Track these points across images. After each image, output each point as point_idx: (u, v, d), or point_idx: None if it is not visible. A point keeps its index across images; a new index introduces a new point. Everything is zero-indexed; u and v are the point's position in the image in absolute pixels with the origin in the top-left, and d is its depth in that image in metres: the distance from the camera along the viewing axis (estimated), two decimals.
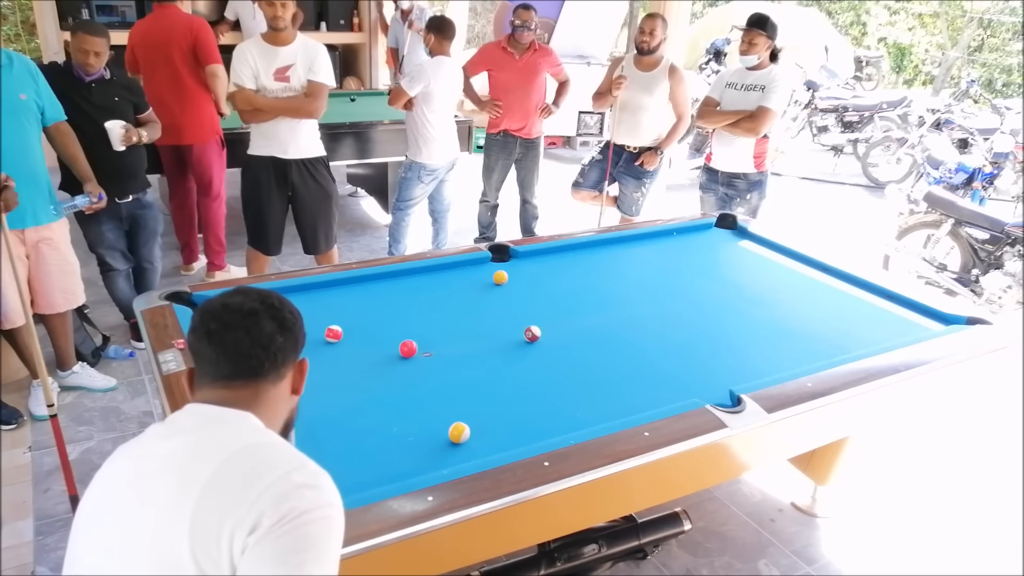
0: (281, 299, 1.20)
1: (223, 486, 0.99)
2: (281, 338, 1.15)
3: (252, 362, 1.12)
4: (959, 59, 13.17)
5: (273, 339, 1.14)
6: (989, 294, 4.37)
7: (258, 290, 1.19)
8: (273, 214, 3.71)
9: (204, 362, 1.14)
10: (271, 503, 0.97)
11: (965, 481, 3.03)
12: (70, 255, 3.16)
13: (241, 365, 1.12)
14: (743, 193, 4.03)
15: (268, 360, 1.13)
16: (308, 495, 1.01)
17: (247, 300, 1.16)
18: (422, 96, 4.13)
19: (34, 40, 7.96)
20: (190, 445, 1.06)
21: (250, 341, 1.12)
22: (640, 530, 2.31)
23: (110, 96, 3.30)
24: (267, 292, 1.19)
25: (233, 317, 1.13)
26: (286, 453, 1.07)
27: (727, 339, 2.42)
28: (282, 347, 1.15)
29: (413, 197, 4.42)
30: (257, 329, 1.13)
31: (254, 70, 3.44)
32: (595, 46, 7.95)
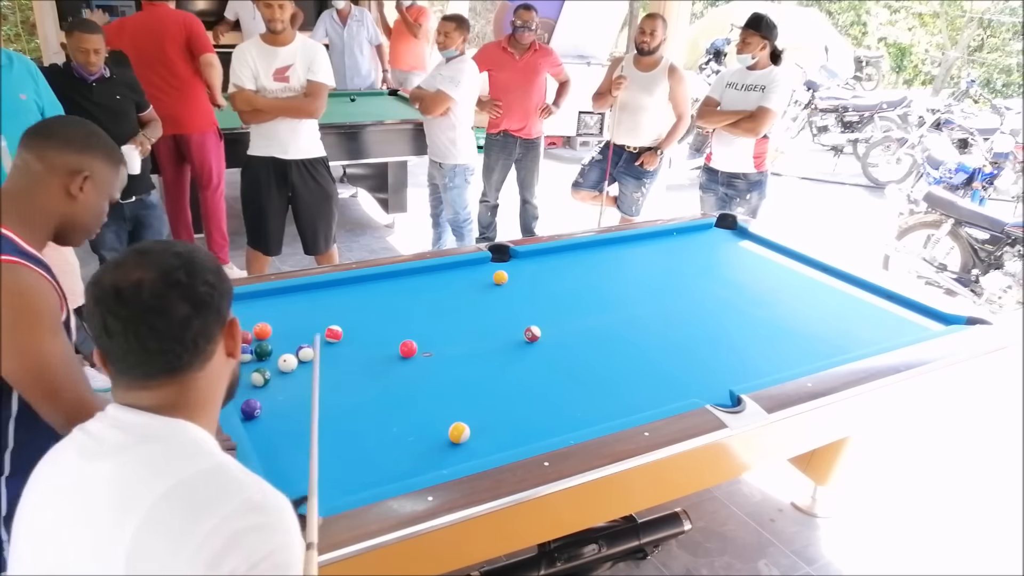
0: (190, 260, 0.96)
1: (160, 530, 0.86)
2: (199, 320, 0.95)
3: (168, 357, 0.94)
4: (959, 59, 13.17)
5: (189, 325, 0.93)
6: (989, 294, 4.37)
7: (158, 254, 0.95)
8: (273, 214, 3.71)
9: (111, 357, 0.95)
10: (215, 554, 0.85)
11: (965, 481, 3.03)
12: (70, 255, 3.15)
13: (154, 364, 0.94)
14: (743, 193, 4.03)
15: (187, 351, 0.95)
16: (254, 540, 0.87)
17: (147, 278, 0.92)
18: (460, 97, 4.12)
19: (34, 40, 7.97)
20: (118, 474, 0.91)
21: (159, 336, 0.92)
22: (640, 530, 2.31)
23: (112, 95, 3.30)
24: (170, 255, 0.95)
25: (133, 309, 0.92)
26: (226, 482, 0.92)
27: (727, 339, 2.42)
28: (202, 329, 0.95)
29: (468, 202, 4.44)
30: (166, 320, 0.92)
31: (253, 71, 3.44)
32: (595, 46, 7.95)
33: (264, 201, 3.66)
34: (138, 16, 4.14)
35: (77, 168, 1.42)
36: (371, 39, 6.28)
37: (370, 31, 6.26)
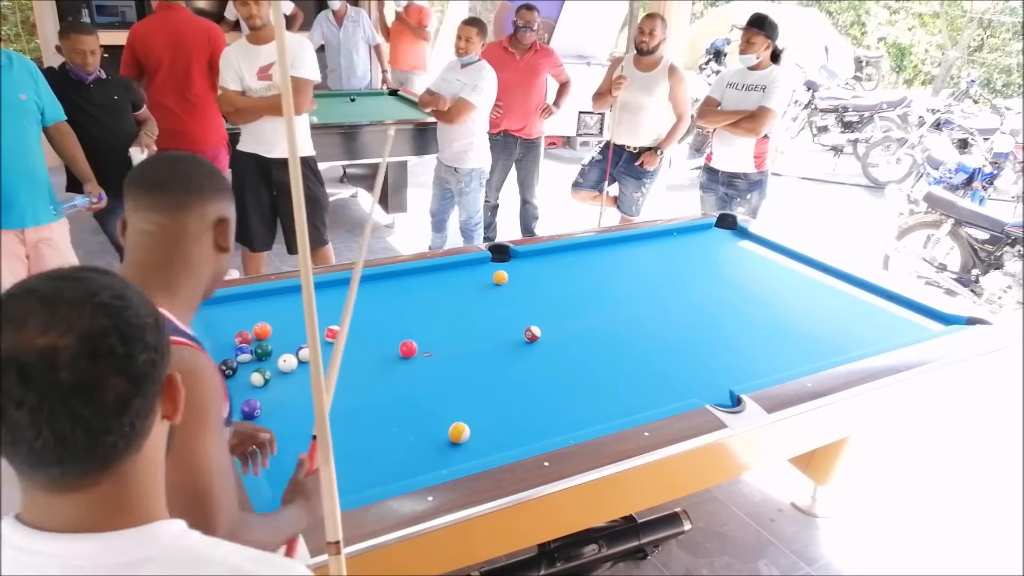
0: (123, 318, 0.69)
1: None
2: (139, 398, 0.70)
3: (98, 452, 0.68)
4: (959, 59, 13.17)
5: (126, 407, 0.69)
6: (989, 294, 4.37)
7: (75, 306, 0.67)
8: (256, 210, 3.69)
9: (12, 452, 0.67)
10: None
11: (965, 481, 3.03)
12: (70, 255, 3.16)
13: (77, 463, 0.68)
14: (743, 193, 4.03)
15: (123, 439, 0.69)
16: None
17: (62, 346, 0.65)
18: None
19: (34, 40, 7.96)
20: None
21: (85, 426, 0.66)
22: (640, 530, 2.31)
23: (109, 95, 3.31)
24: (94, 309, 0.67)
25: (44, 391, 0.64)
26: None
27: (727, 339, 2.42)
28: (141, 407, 0.71)
29: (480, 207, 4.43)
30: (94, 405, 0.66)
31: (238, 71, 3.41)
32: (595, 46, 7.95)
33: (248, 197, 3.65)
34: (153, 20, 4.01)
35: (220, 215, 1.17)
36: (368, 39, 6.28)
37: (367, 31, 6.25)
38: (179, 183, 1.14)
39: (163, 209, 1.12)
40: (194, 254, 1.14)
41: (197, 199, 1.14)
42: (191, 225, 1.13)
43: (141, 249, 1.12)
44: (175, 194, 1.13)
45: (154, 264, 1.11)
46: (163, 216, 1.12)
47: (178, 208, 1.12)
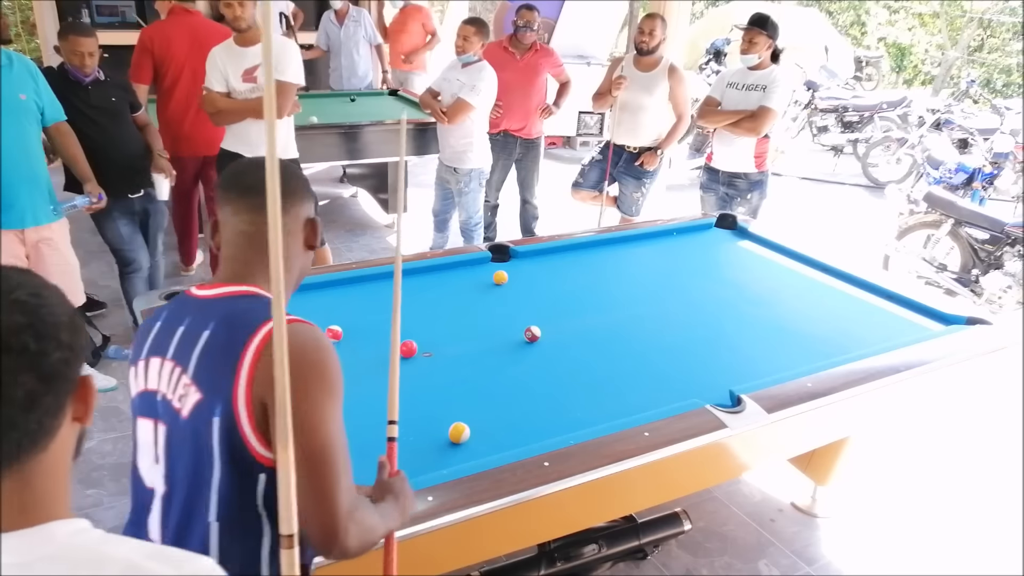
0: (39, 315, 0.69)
1: None
2: (50, 396, 0.69)
3: (1, 450, 0.67)
4: (959, 59, 13.17)
5: (35, 404, 0.68)
6: (989, 294, 4.37)
7: None
8: None
9: None
10: None
11: (965, 481, 3.03)
12: (70, 255, 3.16)
13: None
14: (744, 193, 4.03)
15: (27, 436, 0.68)
16: None
17: None
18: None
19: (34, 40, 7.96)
20: None
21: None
22: (640, 530, 2.31)
23: (107, 97, 3.30)
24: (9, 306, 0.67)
25: None
26: None
27: (727, 339, 2.42)
28: (52, 405, 0.70)
29: (480, 207, 4.43)
30: (3, 401, 0.66)
31: (223, 73, 3.40)
32: (595, 46, 7.95)
33: None
34: (171, 23, 3.95)
35: (309, 216, 1.24)
36: (370, 39, 6.28)
37: (368, 31, 6.25)
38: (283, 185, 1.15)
39: (254, 211, 1.16)
40: (289, 251, 1.20)
41: (290, 201, 1.20)
42: (287, 225, 1.18)
43: (244, 247, 1.18)
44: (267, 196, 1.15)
45: (256, 260, 1.17)
46: (262, 217, 1.10)
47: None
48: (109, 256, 4.01)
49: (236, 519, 1.07)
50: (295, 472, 0.88)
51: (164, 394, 1.12)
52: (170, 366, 1.11)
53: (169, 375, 1.11)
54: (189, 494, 1.09)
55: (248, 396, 1.03)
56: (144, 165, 3.48)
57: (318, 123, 4.62)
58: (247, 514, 1.08)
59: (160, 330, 1.17)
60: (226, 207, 1.19)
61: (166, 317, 1.18)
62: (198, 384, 1.07)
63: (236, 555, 1.08)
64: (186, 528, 1.09)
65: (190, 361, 1.09)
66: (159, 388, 1.13)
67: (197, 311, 1.14)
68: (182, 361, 1.10)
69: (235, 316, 1.10)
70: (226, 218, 1.19)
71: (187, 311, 1.16)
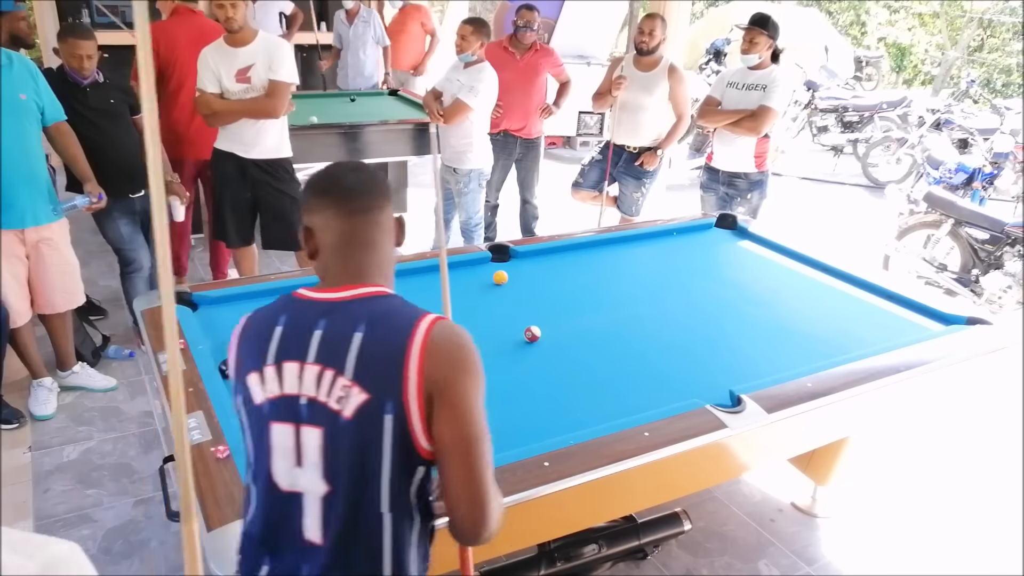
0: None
1: None
2: None
3: None
4: (959, 59, 13.17)
5: None
6: (989, 294, 4.37)
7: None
8: (233, 208, 3.67)
9: None
10: None
11: (965, 481, 3.03)
12: (70, 255, 3.16)
13: None
14: (744, 192, 4.03)
15: None
16: None
17: None
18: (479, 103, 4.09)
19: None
20: None
21: None
22: (640, 530, 2.31)
23: (106, 99, 3.30)
24: None
25: None
26: None
27: (727, 339, 2.42)
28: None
29: (480, 207, 4.42)
30: None
31: (216, 73, 3.38)
32: (595, 46, 7.95)
33: (226, 195, 3.64)
34: (173, 23, 3.92)
35: (397, 214, 1.30)
36: (378, 40, 6.28)
37: (376, 32, 6.25)
38: (374, 188, 1.24)
39: (360, 212, 1.21)
40: (387, 247, 1.26)
41: (385, 201, 1.25)
42: (383, 223, 1.24)
43: (353, 248, 1.21)
44: (370, 198, 1.23)
45: (368, 260, 1.22)
46: (365, 216, 1.22)
47: (377, 210, 1.23)
48: (109, 256, 4.01)
49: (402, 508, 1.15)
50: (448, 461, 1.10)
51: (312, 397, 1.13)
52: (316, 370, 1.13)
53: (316, 378, 1.13)
54: (357, 490, 1.13)
55: (419, 393, 1.10)
56: (145, 165, 3.48)
57: (318, 123, 4.62)
58: (408, 504, 1.17)
59: (285, 335, 1.17)
60: (327, 211, 1.21)
61: (287, 322, 1.18)
62: (362, 385, 1.11)
63: (404, 542, 1.16)
64: (354, 522, 1.13)
65: (345, 363, 1.11)
66: (301, 392, 1.14)
67: (331, 314, 1.16)
68: (333, 364, 1.12)
69: (384, 317, 1.15)
70: (325, 222, 1.21)
71: (314, 314, 1.17)
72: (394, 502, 1.14)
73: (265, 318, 1.22)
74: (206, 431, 1.73)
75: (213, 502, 1.51)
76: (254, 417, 1.19)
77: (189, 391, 1.88)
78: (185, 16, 3.92)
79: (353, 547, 1.14)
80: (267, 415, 1.17)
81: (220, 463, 1.62)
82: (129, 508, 2.64)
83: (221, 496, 1.52)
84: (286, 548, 1.17)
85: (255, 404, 1.18)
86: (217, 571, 1.36)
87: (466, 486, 1.12)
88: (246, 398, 1.20)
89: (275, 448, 1.17)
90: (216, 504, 1.50)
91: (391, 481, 1.13)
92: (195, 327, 2.24)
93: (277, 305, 1.23)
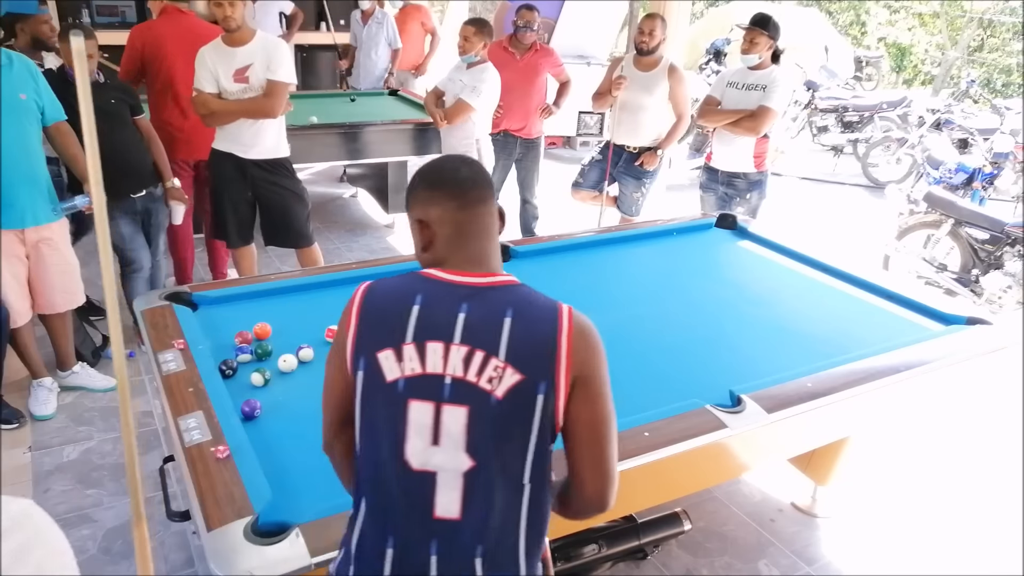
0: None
1: None
2: None
3: None
4: (959, 59, 13.17)
5: None
6: (989, 294, 4.37)
7: None
8: (233, 208, 3.66)
9: None
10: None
11: (965, 481, 3.03)
12: (70, 255, 3.16)
13: None
14: (743, 192, 4.03)
15: None
16: None
17: None
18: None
19: None
20: None
21: None
22: (640, 530, 2.31)
23: (107, 99, 3.30)
24: None
25: None
26: None
27: (727, 339, 2.42)
28: None
29: None
30: None
31: (213, 73, 3.37)
32: (595, 46, 7.95)
33: (225, 195, 3.63)
34: (163, 23, 3.89)
35: (500, 205, 1.36)
36: (390, 42, 6.28)
37: (389, 34, 6.25)
38: (484, 180, 1.29)
39: (478, 203, 1.26)
40: (497, 234, 1.32)
41: (491, 193, 1.30)
42: (494, 212, 1.30)
43: (475, 237, 1.26)
44: (485, 189, 1.28)
45: (490, 250, 1.29)
46: (482, 207, 1.27)
47: (490, 200, 1.29)
48: None
49: (539, 479, 1.21)
50: (582, 439, 1.21)
51: (458, 377, 1.16)
52: (464, 350, 1.16)
53: (465, 359, 1.16)
54: (502, 464, 1.18)
55: (567, 375, 1.18)
56: (145, 165, 3.48)
57: (318, 123, 4.62)
58: (544, 475, 1.23)
59: (424, 316, 1.19)
60: (447, 203, 1.25)
61: (424, 302, 1.20)
62: (515, 366, 1.16)
63: (540, 511, 1.23)
64: (497, 495, 1.18)
65: (499, 346, 1.16)
66: (446, 371, 1.17)
67: (473, 298, 1.20)
68: (484, 346, 1.16)
69: (527, 304, 1.21)
70: (444, 214, 1.25)
71: (455, 297, 1.20)
72: (533, 474, 1.20)
73: (394, 294, 1.23)
74: (206, 431, 1.73)
75: (213, 502, 1.50)
76: (383, 394, 1.19)
77: (189, 391, 1.88)
78: (173, 16, 3.89)
79: (493, 518, 1.18)
80: (403, 393, 1.17)
81: (220, 463, 1.62)
82: (129, 508, 2.64)
83: (221, 496, 1.52)
84: (413, 526, 1.19)
85: (386, 381, 1.18)
86: (217, 571, 1.36)
87: (599, 463, 1.22)
88: (372, 374, 1.19)
89: (411, 426, 1.17)
90: (216, 504, 1.50)
91: (534, 455, 1.19)
92: (195, 327, 2.24)
93: (404, 282, 1.25)
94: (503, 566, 1.19)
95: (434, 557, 1.17)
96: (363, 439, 1.22)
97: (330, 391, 1.29)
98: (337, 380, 1.26)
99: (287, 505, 1.51)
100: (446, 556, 1.17)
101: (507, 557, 1.19)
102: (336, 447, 1.32)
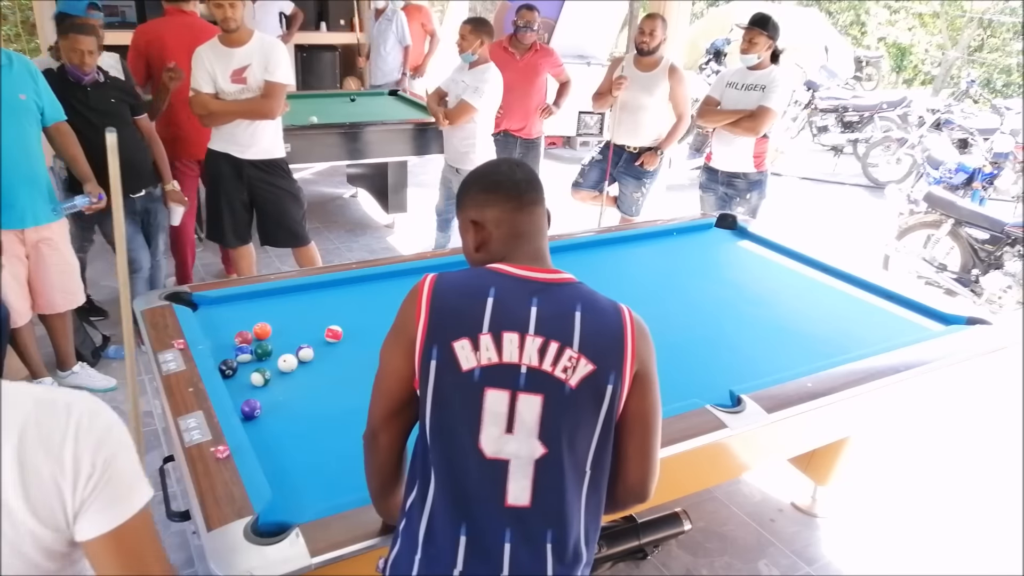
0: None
1: None
2: None
3: None
4: (959, 59, 13.18)
5: None
6: (989, 294, 4.37)
7: None
8: (230, 208, 3.66)
9: None
10: None
11: (965, 481, 3.03)
12: (70, 255, 3.16)
13: None
14: (743, 193, 4.03)
15: None
16: None
17: None
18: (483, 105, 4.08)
19: (34, 40, 7.96)
20: None
21: None
22: (640, 530, 2.31)
23: (107, 98, 3.30)
24: None
25: None
26: None
27: (727, 339, 2.42)
28: None
29: None
30: None
31: (211, 73, 3.37)
32: (595, 46, 7.95)
33: (222, 195, 3.63)
34: (165, 22, 3.90)
35: None
36: (400, 39, 6.27)
37: (399, 32, 6.24)
38: (537, 183, 1.35)
39: (533, 204, 1.34)
40: (547, 233, 1.38)
41: (543, 194, 1.37)
42: (545, 212, 1.37)
43: (533, 237, 1.34)
44: (539, 191, 1.35)
45: (545, 248, 1.36)
46: (538, 208, 1.35)
47: (543, 201, 1.36)
48: (110, 256, 4.00)
49: (600, 465, 1.26)
50: (634, 429, 1.27)
51: (534, 367, 1.20)
52: (539, 341, 1.20)
53: (540, 349, 1.20)
54: (571, 451, 1.21)
55: (631, 368, 1.25)
56: (145, 165, 3.48)
57: (318, 123, 4.62)
58: (604, 461, 1.27)
59: (499, 307, 1.22)
60: (504, 204, 1.31)
61: (498, 294, 1.23)
62: (589, 357, 1.21)
63: (597, 495, 1.27)
64: (564, 480, 1.21)
65: (572, 337, 1.21)
66: (522, 361, 1.20)
67: (542, 293, 1.26)
68: (558, 337, 1.21)
69: (592, 300, 1.28)
70: (502, 215, 1.31)
71: (527, 291, 1.25)
72: (595, 461, 1.24)
73: (467, 286, 1.27)
74: (206, 431, 1.72)
75: (213, 502, 1.50)
76: (458, 383, 1.19)
77: (189, 391, 1.88)
78: (175, 16, 3.90)
79: (559, 505, 1.20)
80: (479, 382, 1.19)
81: (220, 463, 1.62)
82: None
83: (221, 496, 1.52)
84: (487, 514, 1.19)
85: (462, 370, 1.19)
86: (217, 571, 1.36)
87: (646, 453, 1.29)
88: (446, 363, 1.20)
89: (486, 414, 1.19)
90: (216, 504, 1.50)
91: (597, 442, 1.23)
92: (195, 327, 2.24)
93: (475, 274, 1.29)
94: (569, 552, 1.21)
95: (507, 545, 1.18)
96: (434, 428, 1.22)
97: (385, 380, 1.29)
98: (395, 369, 1.26)
99: (287, 505, 1.51)
100: (519, 543, 1.19)
101: (572, 543, 1.22)
102: (381, 437, 1.31)
